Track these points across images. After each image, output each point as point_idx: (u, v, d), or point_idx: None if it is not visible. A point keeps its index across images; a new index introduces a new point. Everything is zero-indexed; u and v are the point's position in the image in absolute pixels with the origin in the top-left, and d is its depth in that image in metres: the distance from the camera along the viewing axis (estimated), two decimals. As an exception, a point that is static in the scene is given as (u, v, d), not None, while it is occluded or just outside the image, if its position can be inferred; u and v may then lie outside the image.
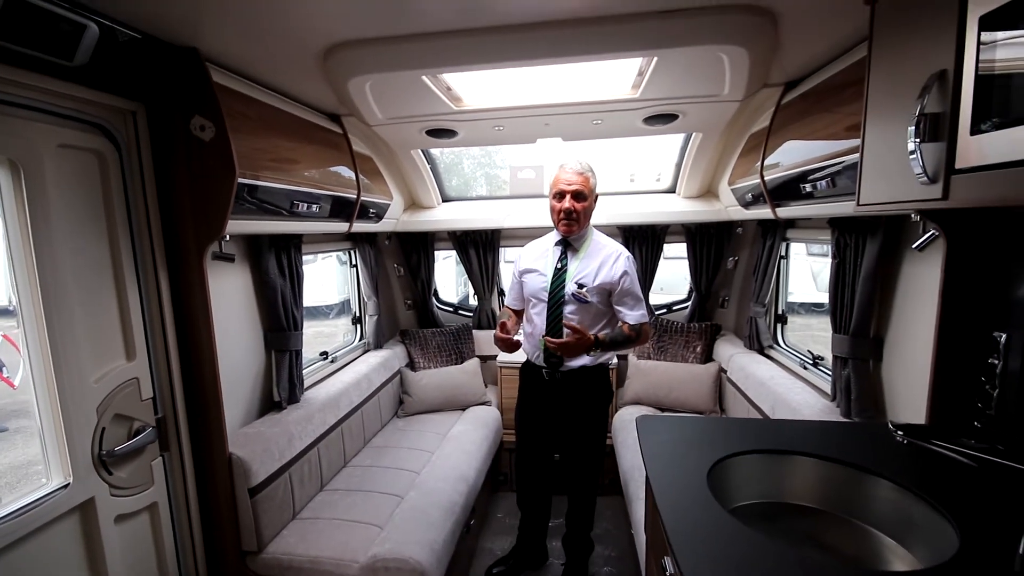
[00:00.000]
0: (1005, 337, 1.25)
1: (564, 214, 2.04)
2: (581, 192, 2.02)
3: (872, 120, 1.27)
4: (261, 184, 1.76)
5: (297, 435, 2.07)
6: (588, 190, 2.04)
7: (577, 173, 2.03)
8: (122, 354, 1.57)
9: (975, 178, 0.91)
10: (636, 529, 2.06)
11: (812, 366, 2.43)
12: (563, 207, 2.03)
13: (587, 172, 2.05)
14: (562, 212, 2.04)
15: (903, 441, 1.00)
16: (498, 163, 3.63)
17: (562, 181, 2.04)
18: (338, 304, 3.34)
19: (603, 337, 2.01)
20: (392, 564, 1.74)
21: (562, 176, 2.05)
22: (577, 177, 2.02)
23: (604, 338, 2.01)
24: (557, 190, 2.05)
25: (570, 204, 2.02)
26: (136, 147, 1.58)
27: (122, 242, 1.54)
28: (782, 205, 2.20)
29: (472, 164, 3.29)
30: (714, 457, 1.26)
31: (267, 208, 1.86)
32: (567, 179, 2.03)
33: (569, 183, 2.02)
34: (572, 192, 2.02)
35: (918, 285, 1.70)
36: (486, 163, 3.56)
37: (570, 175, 2.03)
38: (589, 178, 2.05)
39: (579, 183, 2.02)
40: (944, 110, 0.97)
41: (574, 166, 2.04)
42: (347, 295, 3.36)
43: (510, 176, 3.50)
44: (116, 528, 1.51)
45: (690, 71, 1.84)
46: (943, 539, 0.96)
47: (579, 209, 2.03)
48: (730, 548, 0.96)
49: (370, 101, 2.01)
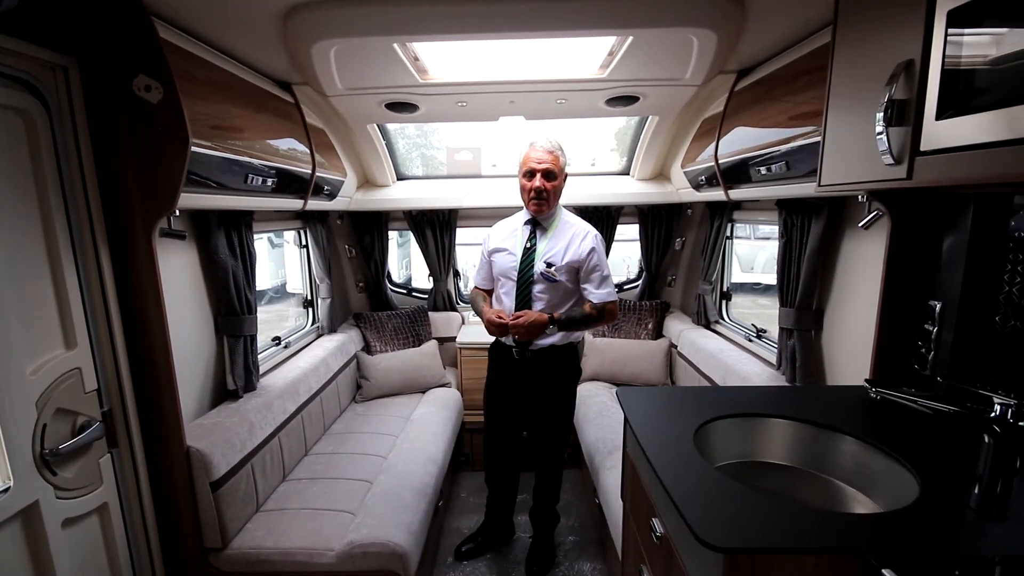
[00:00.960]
0: (940, 305, 1.41)
1: (535, 193, 2.03)
2: (551, 171, 2.02)
3: (835, 105, 1.36)
4: (214, 154, 1.61)
5: (258, 424, 1.96)
6: (558, 169, 2.04)
7: (547, 151, 2.01)
8: (60, 342, 1.40)
9: (939, 160, 1.01)
10: (605, 498, 2.15)
11: (756, 338, 2.63)
12: (533, 186, 2.02)
13: (557, 151, 2.04)
14: (532, 191, 2.03)
15: (876, 397, 1.12)
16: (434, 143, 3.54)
17: (532, 160, 2.02)
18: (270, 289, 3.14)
19: (559, 316, 2.02)
20: (371, 548, 1.70)
21: (532, 155, 2.02)
22: (548, 156, 2.01)
23: (560, 316, 2.03)
24: (527, 168, 2.03)
25: (540, 183, 2.01)
26: (69, 108, 1.39)
27: (56, 216, 1.36)
28: (734, 187, 2.33)
29: (407, 144, 3.19)
30: (697, 422, 1.33)
31: (219, 181, 1.71)
32: (537, 157, 2.01)
33: (540, 161, 2.01)
34: (543, 171, 2.01)
35: (856, 261, 1.87)
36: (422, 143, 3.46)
37: (540, 153, 2.01)
38: (559, 157, 2.04)
39: (549, 162, 2.01)
40: (910, 97, 1.06)
41: (544, 144, 2.02)
42: (283, 278, 3.18)
43: (447, 157, 3.44)
44: (64, 533, 1.36)
45: (659, 53, 1.89)
46: (904, 487, 1.09)
47: (549, 188, 2.02)
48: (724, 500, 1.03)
49: (332, 69, 1.89)
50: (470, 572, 2.37)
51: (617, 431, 2.54)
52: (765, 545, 0.89)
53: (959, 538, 0.90)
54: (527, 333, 1.99)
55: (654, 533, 1.27)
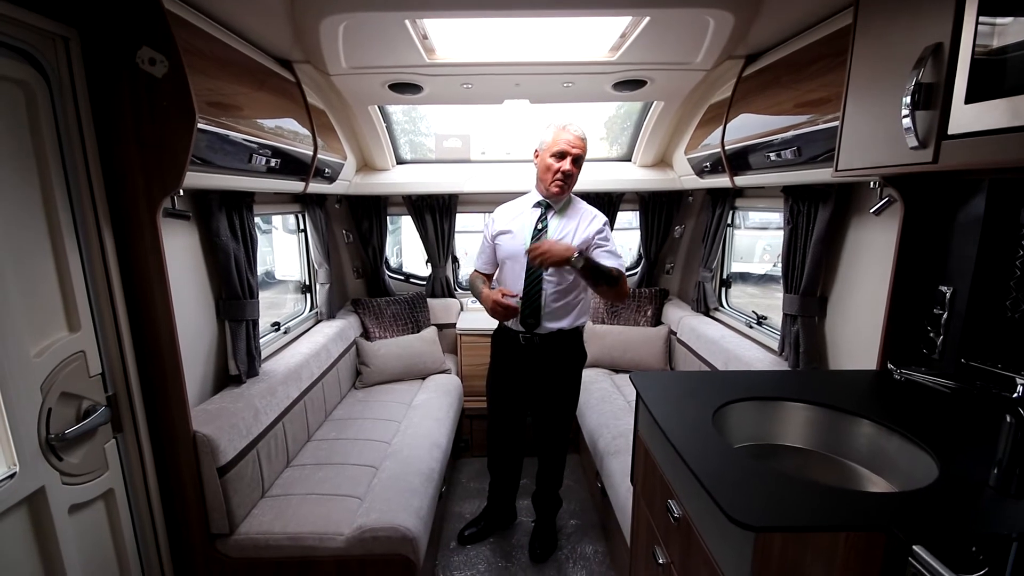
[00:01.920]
0: (951, 290, 1.43)
1: (562, 175, 2.02)
2: (581, 157, 2.03)
3: (855, 89, 1.36)
4: (220, 131, 1.56)
5: (263, 409, 1.93)
6: (584, 157, 2.05)
7: (579, 138, 2.01)
8: (63, 324, 1.36)
9: (965, 143, 1.01)
10: (609, 482, 2.17)
11: (757, 325, 2.65)
12: (563, 168, 2.01)
13: (586, 140, 2.05)
14: (560, 173, 2.01)
15: (901, 379, 1.13)
16: (423, 130, 3.49)
17: (565, 142, 2.00)
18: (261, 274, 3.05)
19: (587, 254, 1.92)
20: (382, 533, 1.70)
21: (565, 137, 2.00)
22: (580, 142, 2.01)
23: (588, 257, 1.89)
24: (559, 150, 2.00)
25: (570, 167, 2.01)
26: (70, 81, 1.33)
27: (57, 193, 1.31)
28: (740, 173, 2.33)
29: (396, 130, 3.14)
30: (714, 405, 1.34)
31: (222, 160, 1.66)
32: (571, 141, 2.00)
33: (573, 145, 2.00)
34: (574, 155, 2.01)
35: (862, 248, 1.89)
36: (410, 129, 3.41)
37: (574, 138, 2.00)
38: (586, 146, 2.05)
39: (581, 148, 2.02)
40: (938, 80, 1.06)
41: (577, 130, 2.01)
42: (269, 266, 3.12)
43: (436, 144, 3.40)
44: (70, 519, 1.33)
45: (673, 35, 1.87)
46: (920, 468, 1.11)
47: (575, 173, 2.04)
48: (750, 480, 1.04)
49: (339, 46, 1.84)
50: (473, 556, 2.38)
51: (619, 416, 2.56)
52: (796, 524, 0.89)
53: (982, 515, 0.92)
54: (551, 257, 1.84)
55: (671, 515, 1.28)
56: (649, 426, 1.47)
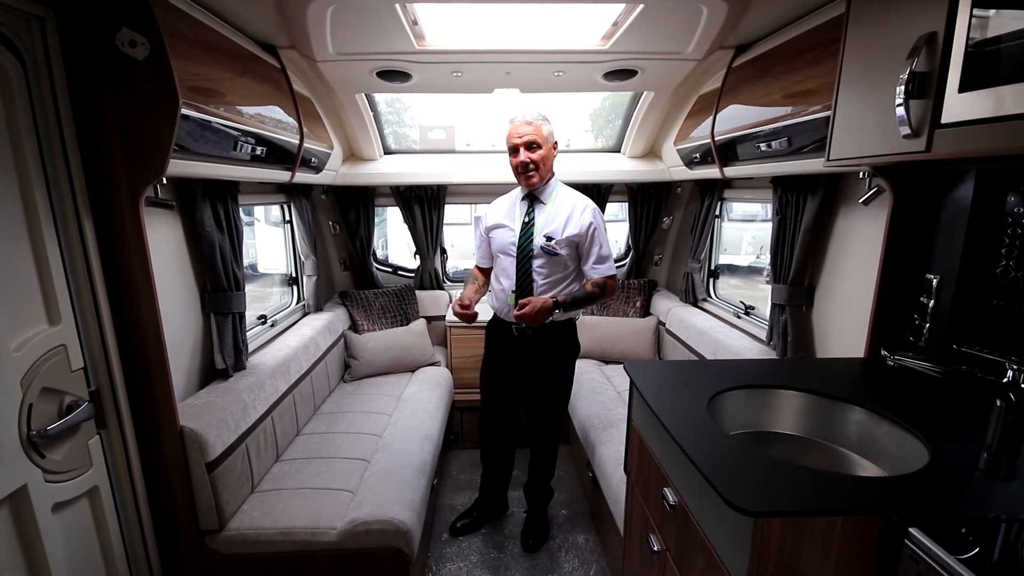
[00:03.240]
0: (938, 279, 1.46)
1: (521, 167, 2.01)
2: (534, 142, 1.99)
3: (847, 79, 1.37)
4: (204, 118, 1.51)
5: (251, 404, 1.89)
6: (542, 138, 2.01)
7: (526, 123, 1.99)
8: (43, 317, 1.31)
9: (958, 132, 1.03)
10: (601, 471, 2.18)
11: (744, 315, 2.68)
12: (519, 161, 2.01)
13: (537, 121, 2.01)
14: (519, 166, 2.02)
15: (894, 365, 1.15)
16: (407, 121, 3.46)
17: (513, 135, 2.00)
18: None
19: (563, 299, 2.00)
20: (375, 526, 1.68)
21: (511, 130, 2.01)
22: (527, 128, 1.99)
23: (565, 299, 2.00)
24: (510, 144, 2.02)
25: (525, 156, 1.99)
26: (47, 64, 1.27)
27: (35, 182, 1.26)
28: (729, 164, 2.34)
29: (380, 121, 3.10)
30: (708, 393, 1.35)
31: (206, 148, 1.61)
32: (517, 132, 1.99)
33: (520, 135, 1.99)
34: (524, 143, 1.99)
35: (849, 238, 1.91)
36: (393, 120, 3.37)
37: (519, 126, 1.99)
38: (541, 126, 2.01)
39: (530, 133, 1.99)
40: (931, 69, 1.07)
41: (523, 116, 2.01)
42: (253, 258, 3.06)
43: (420, 136, 3.37)
44: (54, 518, 1.29)
45: (666, 24, 1.86)
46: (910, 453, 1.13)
47: (536, 159, 2.00)
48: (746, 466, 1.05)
49: (326, 30, 1.80)
50: (466, 547, 2.38)
51: (610, 407, 2.58)
52: (793, 508, 0.90)
53: (973, 498, 0.94)
54: (536, 319, 1.94)
55: (666, 502, 1.29)
56: (644, 415, 1.47)
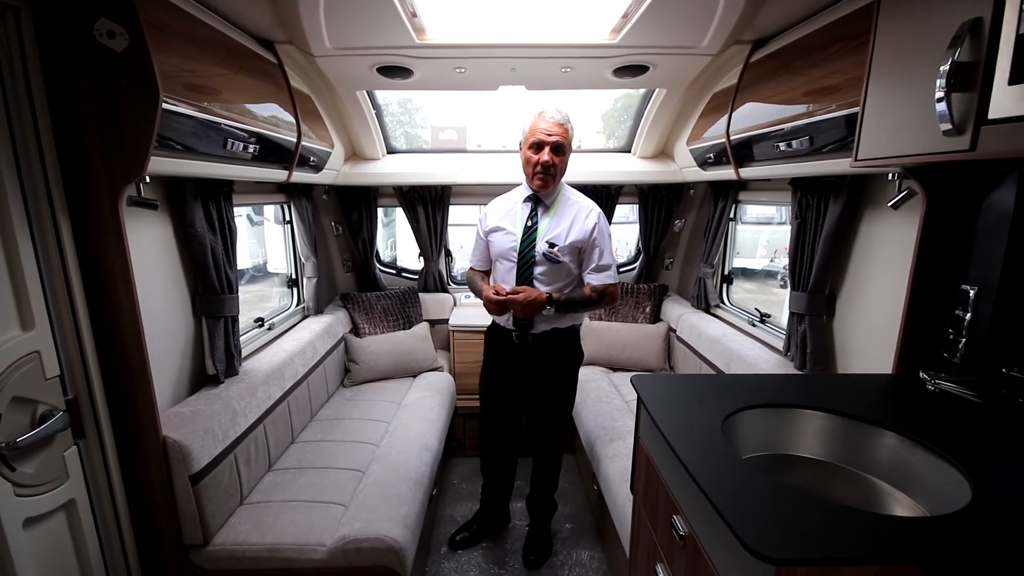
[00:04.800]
0: (976, 290, 1.33)
1: (541, 168, 1.87)
2: (561, 145, 1.87)
3: (877, 73, 1.26)
4: (189, 114, 1.44)
5: (241, 411, 1.82)
6: (567, 143, 1.89)
7: (558, 124, 1.86)
8: (15, 322, 1.24)
9: (1009, 129, 0.91)
10: (607, 488, 2.08)
11: (760, 323, 2.56)
12: (541, 160, 1.86)
13: (567, 123, 1.89)
14: (539, 165, 1.87)
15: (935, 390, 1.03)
16: (418, 121, 3.40)
17: (541, 131, 1.86)
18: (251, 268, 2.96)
19: (558, 296, 1.91)
20: (366, 544, 1.60)
21: (541, 125, 1.86)
22: (558, 128, 1.86)
23: (560, 297, 1.91)
24: (535, 140, 1.87)
25: (549, 157, 1.86)
26: (21, 56, 1.20)
27: (7, 178, 1.19)
28: (745, 165, 2.22)
29: (391, 121, 3.03)
30: (723, 412, 1.24)
31: (195, 146, 1.54)
32: (547, 129, 1.85)
33: (550, 134, 1.85)
34: (552, 144, 1.85)
35: (876, 244, 1.79)
36: (405, 121, 3.31)
37: (550, 125, 1.85)
38: (568, 129, 1.89)
39: (560, 135, 1.86)
40: (977, 59, 0.96)
41: (554, 115, 1.86)
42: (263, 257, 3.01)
43: (431, 136, 3.30)
44: (25, 534, 1.22)
45: (680, 16, 1.76)
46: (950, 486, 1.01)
47: (557, 163, 1.88)
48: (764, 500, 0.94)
49: (321, 23, 1.72)
50: (465, 562, 2.29)
51: (617, 418, 2.47)
52: (820, 556, 0.80)
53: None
54: (525, 310, 1.86)
55: (676, 531, 1.18)
56: (652, 434, 1.37)
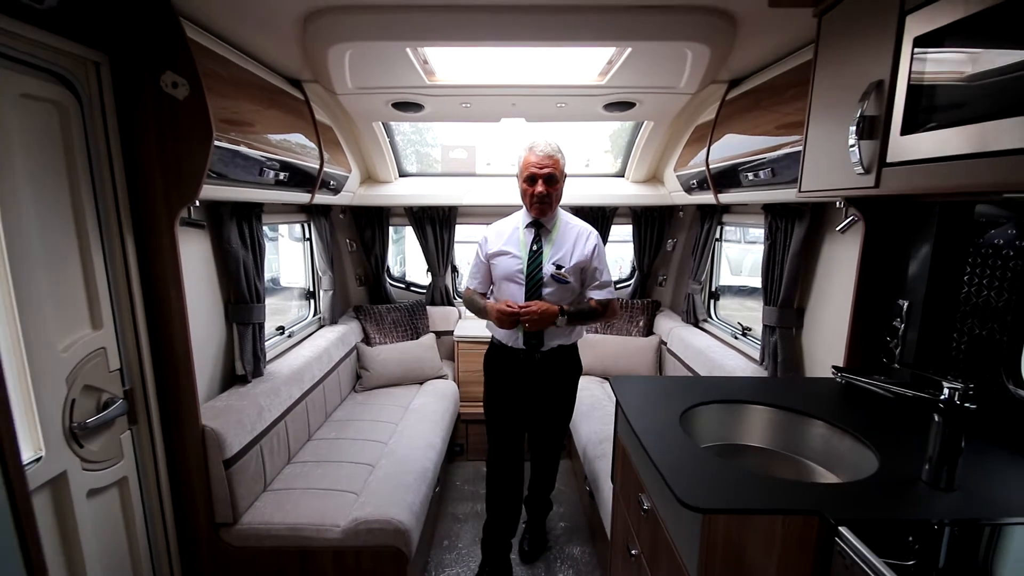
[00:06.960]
0: (907, 304, 1.54)
1: (538, 199, 2.01)
2: (553, 175, 2.00)
3: (815, 118, 1.48)
4: (234, 148, 1.70)
5: (267, 408, 2.04)
6: (559, 172, 2.03)
7: (548, 156, 2.00)
8: (88, 323, 1.48)
9: (903, 170, 1.13)
10: (596, 485, 2.26)
11: (742, 335, 2.75)
12: (536, 192, 1.99)
13: (557, 154, 2.03)
14: (535, 196, 2.00)
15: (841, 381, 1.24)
16: (429, 141, 3.62)
17: (533, 165, 2.00)
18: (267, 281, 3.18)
19: (568, 307, 2.02)
20: (376, 525, 1.80)
21: (532, 159, 2.01)
22: (548, 160, 2.00)
23: (570, 308, 2.01)
24: (528, 174, 2.00)
25: (543, 188, 1.98)
26: (100, 101, 1.47)
27: (86, 203, 1.45)
28: (724, 191, 2.45)
29: (403, 140, 3.26)
30: (682, 407, 1.45)
31: (236, 175, 1.79)
32: (538, 162, 2.00)
33: (541, 167, 1.99)
34: (544, 176, 1.98)
35: (834, 263, 2.00)
36: (416, 140, 3.53)
37: (541, 158, 1.99)
38: (559, 160, 2.03)
39: (551, 166, 2.00)
40: (879, 113, 1.18)
41: (544, 148, 2.01)
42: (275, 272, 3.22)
43: (442, 155, 3.53)
44: (88, 503, 1.45)
45: (656, 63, 2.00)
46: (865, 464, 1.21)
47: (552, 192, 2.02)
48: (705, 473, 1.14)
49: (345, 69, 1.99)
50: (465, 554, 2.47)
51: (607, 423, 2.65)
52: (738, 506, 1.00)
53: (911, 505, 1.02)
54: (538, 323, 1.95)
55: (642, 507, 1.38)
56: (625, 427, 1.57)
